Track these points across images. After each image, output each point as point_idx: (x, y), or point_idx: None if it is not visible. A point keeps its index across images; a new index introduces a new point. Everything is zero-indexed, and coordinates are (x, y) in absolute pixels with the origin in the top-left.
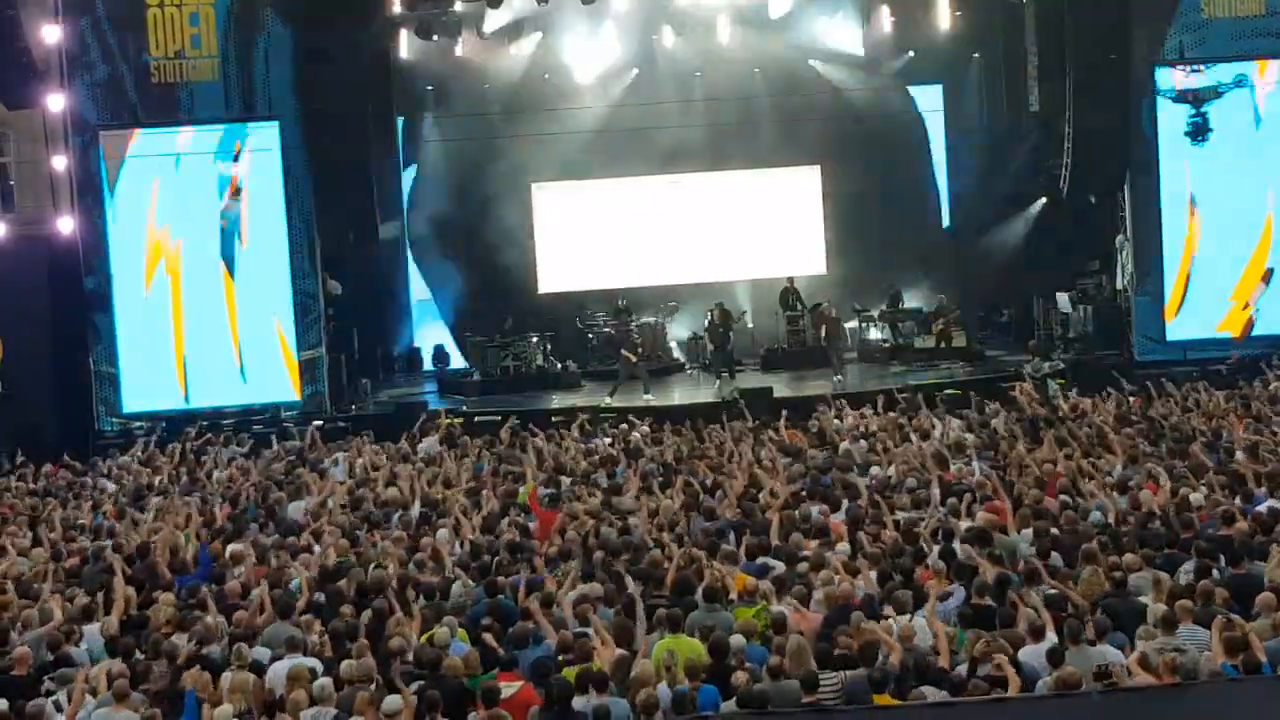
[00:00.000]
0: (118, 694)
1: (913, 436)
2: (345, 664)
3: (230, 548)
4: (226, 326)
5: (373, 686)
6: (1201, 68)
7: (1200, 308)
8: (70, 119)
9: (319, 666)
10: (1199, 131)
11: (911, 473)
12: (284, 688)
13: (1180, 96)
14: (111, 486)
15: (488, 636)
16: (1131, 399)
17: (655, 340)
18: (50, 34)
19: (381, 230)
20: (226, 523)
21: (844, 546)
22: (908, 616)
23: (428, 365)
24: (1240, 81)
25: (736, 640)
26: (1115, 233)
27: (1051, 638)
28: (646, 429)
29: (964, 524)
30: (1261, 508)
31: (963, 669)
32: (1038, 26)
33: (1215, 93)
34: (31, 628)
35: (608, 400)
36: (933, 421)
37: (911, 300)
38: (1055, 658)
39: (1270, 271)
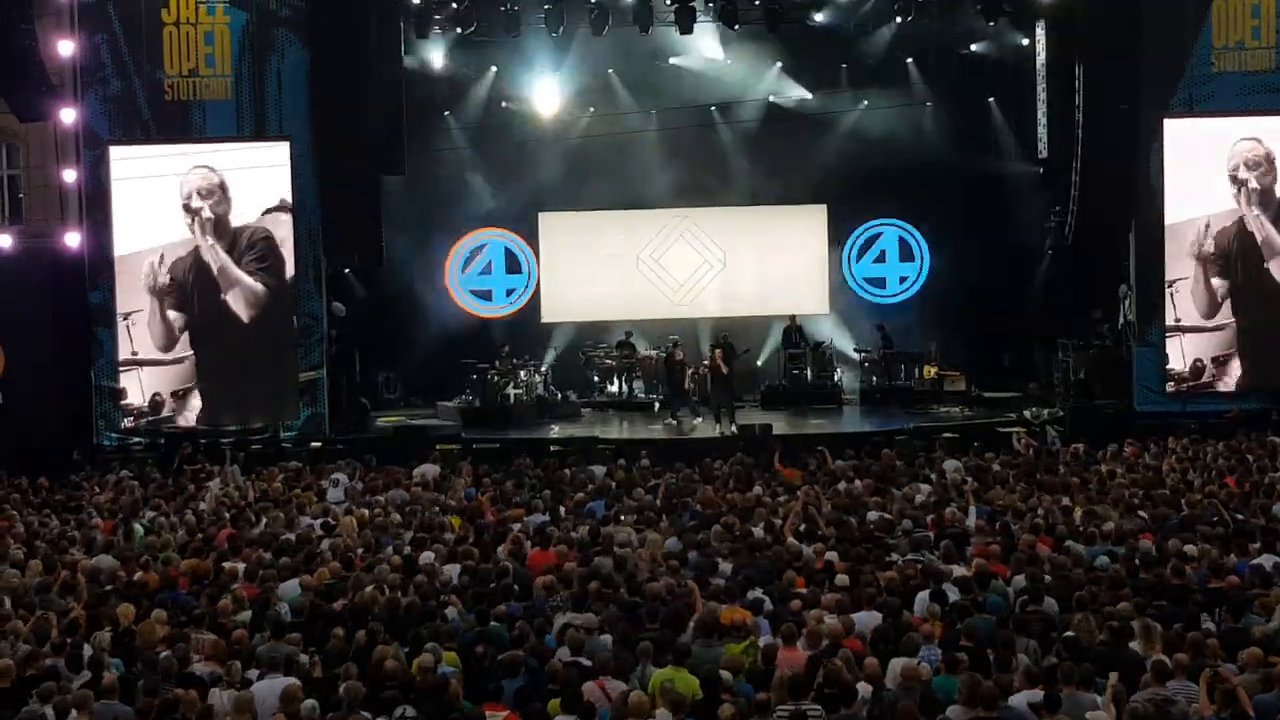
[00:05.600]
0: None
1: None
2: (339, 686)
3: (224, 565)
4: None
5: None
6: None
7: None
8: (82, 133)
9: (309, 688)
10: None
11: (907, 515)
12: (275, 707)
13: None
14: (106, 501)
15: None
16: (1127, 449)
17: (657, 373)
18: (65, 48)
19: (386, 253)
20: (221, 542)
21: (840, 581)
22: (900, 659)
23: (427, 391)
24: None
25: (726, 675)
26: (1118, 282)
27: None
28: (646, 462)
29: (957, 568)
30: (1256, 562)
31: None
32: (1048, 75)
33: None
34: (24, 640)
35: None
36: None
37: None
38: (1052, 703)
39: None
